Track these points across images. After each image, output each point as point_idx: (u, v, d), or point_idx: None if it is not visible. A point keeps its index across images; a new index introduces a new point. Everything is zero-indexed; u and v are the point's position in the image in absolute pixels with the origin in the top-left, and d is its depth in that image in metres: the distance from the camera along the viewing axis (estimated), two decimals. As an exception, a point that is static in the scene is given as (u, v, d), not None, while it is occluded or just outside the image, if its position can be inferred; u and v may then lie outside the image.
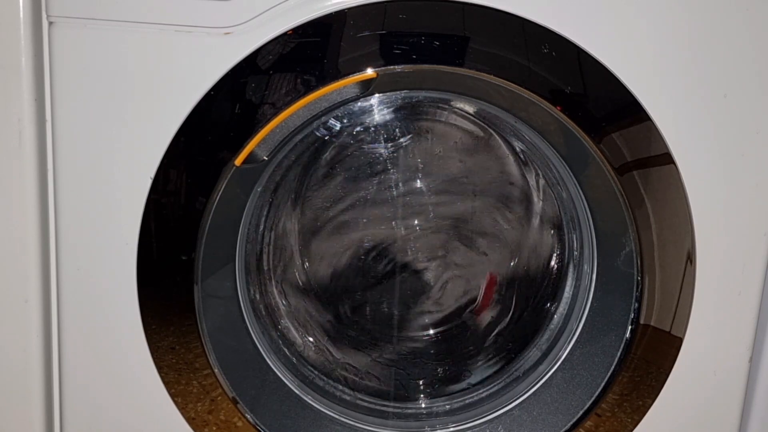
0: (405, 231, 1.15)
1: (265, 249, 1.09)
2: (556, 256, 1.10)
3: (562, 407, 0.97)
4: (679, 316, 0.91)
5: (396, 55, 0.83)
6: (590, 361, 0.97)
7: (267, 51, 0.82)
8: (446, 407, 1.07)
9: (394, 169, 1.09)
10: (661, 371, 0.93)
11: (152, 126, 0.84)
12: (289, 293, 1.13)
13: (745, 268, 0.90)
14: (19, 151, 0.86)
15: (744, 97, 0.85)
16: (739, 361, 0.93)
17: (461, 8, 0.82)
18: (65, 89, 0.84)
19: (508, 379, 1.06)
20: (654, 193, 0.87)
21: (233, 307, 0.98)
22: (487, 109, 0.98)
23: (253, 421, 0.95)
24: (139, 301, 0.88)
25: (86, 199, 0.87)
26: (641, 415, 0.94)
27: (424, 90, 0.94)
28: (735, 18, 0.83)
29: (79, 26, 0.82)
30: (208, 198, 0.85)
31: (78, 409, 0.93)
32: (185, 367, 0.91)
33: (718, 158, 0.87)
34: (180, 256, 0.87)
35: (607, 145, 0.85)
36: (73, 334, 0.91)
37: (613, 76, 0.83)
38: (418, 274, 1.17)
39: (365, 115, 1.01)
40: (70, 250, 0.88)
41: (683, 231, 0.88)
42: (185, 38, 0.81)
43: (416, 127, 1.09)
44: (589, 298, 0.98)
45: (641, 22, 0.83)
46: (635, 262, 0.90)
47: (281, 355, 1.04)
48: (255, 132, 0.84)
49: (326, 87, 0.83)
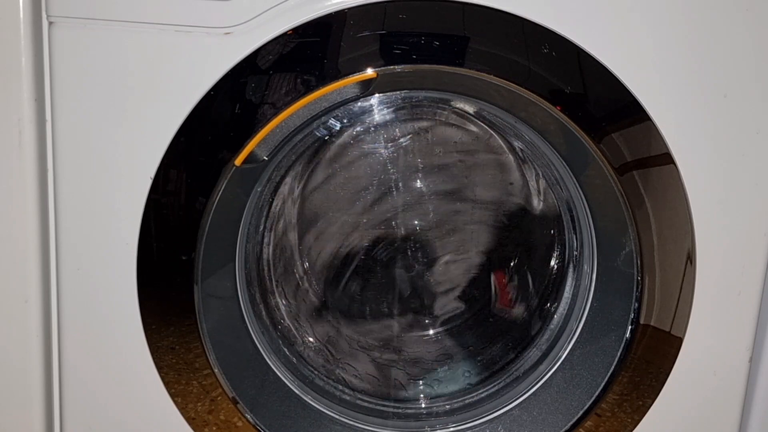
0: (405, 230, 1.15)
1: (265, 249, 1.09)
2: (556, 256, 1.10)
3: (562, 407, 0.97)
4: (679, 316, 0.91)
5: (396, 55, 0.83)
6: (590, 361, 0.97)
7: (267, 51, 0.82)
8: (446, 407, 1.07)
9: (394, 169, 1.10)
10: (661, 371, 0.93)
11: (152, 126, 0.84)
12: (289, 293, 1.13)
13: (745, 268, 0.90)
14: (19, 151, 0.86)
15: (744, 97, 0.85)
16: (739, 361, 0.93)
17: (461, 8, 0.82)
18: (65, 89, 0.84)
19: (508, 379, 1.06)
20: (654, 193, 0.87)
21: (233, 307, 0.98)
22: (487, 109, 0.98)
23: (253, 421, 0.95)
24: (139, 301, 0.88)
25: (86, 199, 0.87)
26: (641, 415, 0.94)
27: (424, 90, 0.94)
28: (735, 18, 0.83)
29: (79, 26, 0.82)
30: (208, 198, 0.85)
31: (78, 409, 0.93)
32: (185, 367, 0.91)
33: (718, 158, 0.87)
34: (180, 256, 0.87)
35: (607, 145, 0.85)
36: (73, 334, 0.91)
37: (613, 76, 0.83)
38: (418, 274, 1.17)
39: (365, 115, 1.01)
40: (70, 250, 0.88)
41: (683, 231, 0.88)
42: (185, 38, 0.81)
43: (416, 127, 1.09)
44: (589, 298, 0.98)
45: (641, 22, 0.83)
46: (635, 262, 0.90)
47: (281, 355, 1.04)
48: (255, 132, 0.84)
49: (326, 87, 0.83)
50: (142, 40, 0.82)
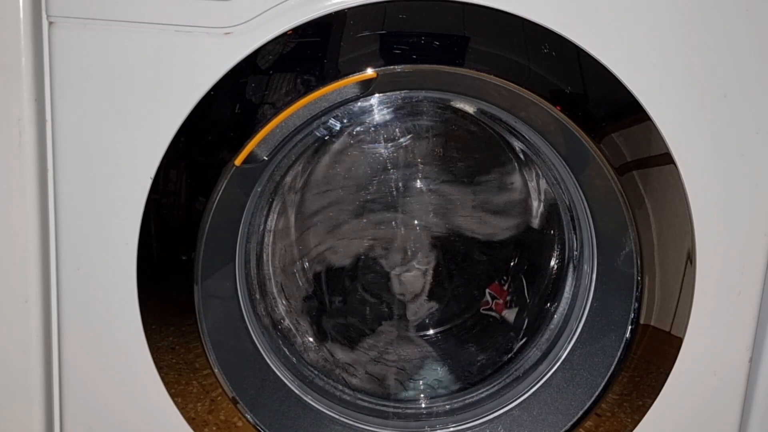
0: (405, 230, 1.15)
1: (265, 249, 1.09)
2: (556, 256, 1.10)
3: (562, 407, 0.97)
4: (679, 316, 0.91)
5: (396, 55, 0.83)
6: (590, 361, 0.97)
7: (267, 51, 0.82)
8: (446, 407, 1.07)
9: (394, 169, 1.09)
10: (661, 371, 0.93)
11: (152, 126, 0.84)
12: (289, 293, 1.13)
13: (745, 268, 0.90)
14: (19, 151, 0.86)
15: (744, 97, 0.85)
16: (739, 361, 0.93)
17: (461, 8, 0.82)
18: (65, 89, 0.84)
19: (508, 379, 1.06)
20: (654, 193, 0.87)
21: (233, 307, 0.98)
22: (487, 109, 0.98)
23: (253, 421, 0.95)
24: (139, 301, 0.88)
25: (86, 199, 0.87)
26: (641, 415, 0.94)
27: (424, 90, 0.94)
28: (735, 18, 0.83)
29: (79, 26, 0.82)
30: (208, 198, 0.85)
31: (78, 409, 0.93)
32: (185, 367, 0.91)
33: (718, 158, 0.87)
34: (180, 256, 0.87)
35: (607, 145, 0.85)
36: (73, 334, 0.91)
37: (613, 76, 0.83)
38: (418, 274, 1.17)
39: (365, 115, 1.01)
40: (70, 250, 0.88)
41: (683, 231, 0.88)
42: (185, 38, 0.81)
43: (416, 127, 1.09)
44: (589, 298, 0.98)
45: (641, 22, 0.83)
46: (635, 262, 0.90)
47: (281, 355, 1.03)
48: (255, 132, 0.84)
49: (326, 87, 0.83)
50: (142, 40, 0.82)
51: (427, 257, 1.16)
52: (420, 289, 1.17)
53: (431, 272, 1.17)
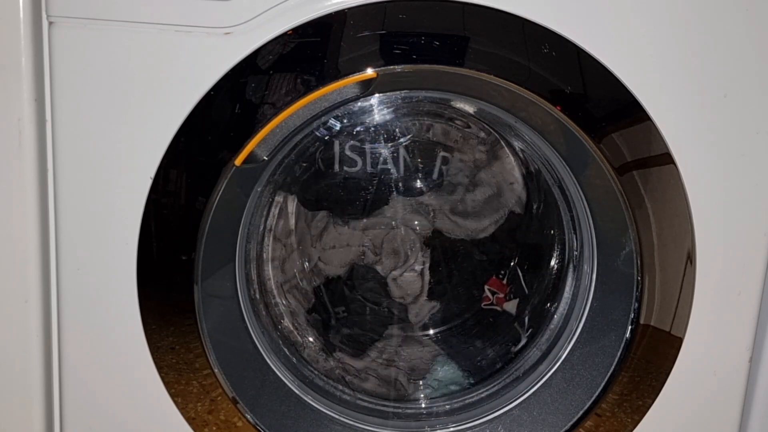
0: (405, 230, 1.15)
1: (265, 249, 1.09)
2: (556, 256, 1.10)
3: (562, 407, 0.97)
4: (679, 316, 0.91)
5: (396, 55, 0.83)
6: (590, 361, 0.97)
7: (267, 51, 0.82)
8: (446, 407, 1.07)
9: (394, 169, 1.10)
10: (661, 371, 0.93)
11: (152, 126, 0.84)
12: (289, 293, 1.13)
13: (745, 268, 0.90)
14: (19, 151, 0.86)
15: (744, 97, 0.85)
16: (739, 361, 0.93)
17: (461, 8, 0.82)
18: (65, 89, 0.84)
19: (508, 379, 1.06)
20: (654, 193, 0.87)
21: (233, 307, 0.98)
22: (487, 109, 0.98)
23: (253, 421, 0.95)
24: (139, 301, 0.88)
25: (86, 199, 0.87)
26: (641, 415, 0.94)
27: (424, 90, 0.94)
28: (735, 18, 0.83)
29: (79, 26, 0.82)
30: (208, 198, 0.85)
31: (78, 409, 0.93)
32: (185, 367, 0.91)
33: (718, 158, 0.87)
34: (180, 256, 0.87)
35: (607, 145, 0.85)
36: (73, 334, 0.91)
37: (613, 76, 0.83)
38: (417, 274, 1.17)
39: (365, 115, 1.01)
40: (70, 250, 0.88)
41: (683, 231, 0.88)
42: (185, 38, 0.81)
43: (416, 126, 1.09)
44: (589, 298, 0.98)
45: (641, 22, 0.83)
46: (635, 262, 0.90)
47: (281, 355, 1.04)
48: (255, 132, 0.84)
49: (326, 87, 0.83)
50: (142, 40, 0.82)
51: (427, 257, 1.16)
52: (420, 289, 1.17)
53: (431, 271, 1.17)
